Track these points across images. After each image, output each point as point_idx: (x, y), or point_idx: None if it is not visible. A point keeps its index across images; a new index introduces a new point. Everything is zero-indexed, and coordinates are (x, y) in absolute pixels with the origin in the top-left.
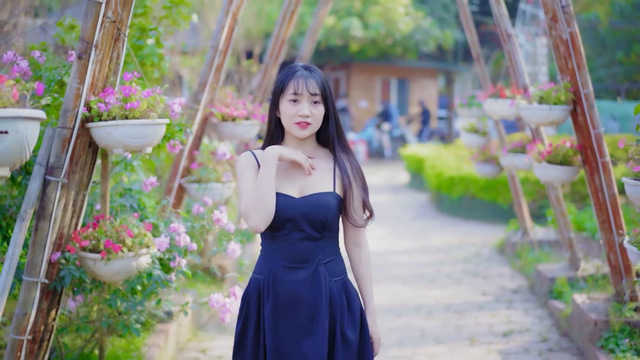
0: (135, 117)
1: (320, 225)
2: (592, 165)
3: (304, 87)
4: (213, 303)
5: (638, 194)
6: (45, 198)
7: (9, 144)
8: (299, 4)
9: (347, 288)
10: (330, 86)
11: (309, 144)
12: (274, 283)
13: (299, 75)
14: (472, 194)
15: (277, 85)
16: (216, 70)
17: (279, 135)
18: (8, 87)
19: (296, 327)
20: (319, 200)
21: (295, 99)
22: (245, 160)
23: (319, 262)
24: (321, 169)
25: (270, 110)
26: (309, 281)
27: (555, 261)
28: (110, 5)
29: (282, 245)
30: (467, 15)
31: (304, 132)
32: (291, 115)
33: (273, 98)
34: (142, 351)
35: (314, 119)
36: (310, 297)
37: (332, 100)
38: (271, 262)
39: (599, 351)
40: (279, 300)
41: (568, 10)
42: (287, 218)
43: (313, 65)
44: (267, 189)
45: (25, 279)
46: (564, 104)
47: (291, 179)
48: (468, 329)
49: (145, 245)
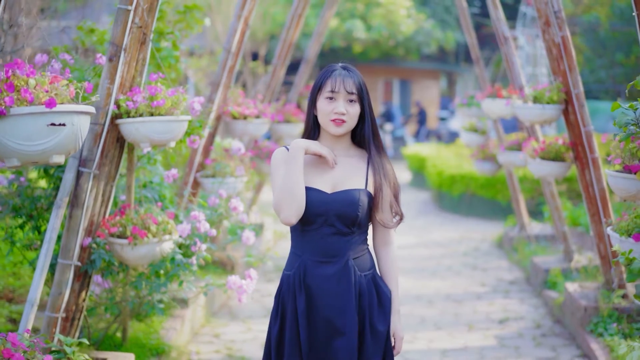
0: (160, 114)
1: (351, 221)
2: (583, 161)
3: (341, 86)
4: (230, 284)
5: (619, 184)
6: (79, 188)
7: (67, 135)
8: (306, 8)
9: (377, 282)
10: (367, 87)
11: (344, 143)
12: (305, 277)
13: (337, 74)
14: (472, 192)
15: (316, 83)
16: (229, 71)
17: (315, 133)
18: (63, 86)
19: (327, 322)
20: (350, 196)
21: (332, 96)
22: (279, 155)
23: (348, 257)
24: (354, 167)
25: (308, 107)
26: (339, 276)
27: (550, 254)
28: (138, 12)
29: (313, 239)
30: (467, 19)
31: (338, 129)
32: (327, 113)
33: (311, 95)
34: (160, 334)
35: (349, 117)
36: (339, 292)
37: (369, 100)
38: (301, 257)
39: (588, 335)
40: (310, 295)
41: (560, 15)
42: (319, 213)
43: (351, 66)
44: (295, 182)
45: (60, 262)
46: (556, 104)
47: (324, 174)
48: (466, 316)
49: (168, 232)
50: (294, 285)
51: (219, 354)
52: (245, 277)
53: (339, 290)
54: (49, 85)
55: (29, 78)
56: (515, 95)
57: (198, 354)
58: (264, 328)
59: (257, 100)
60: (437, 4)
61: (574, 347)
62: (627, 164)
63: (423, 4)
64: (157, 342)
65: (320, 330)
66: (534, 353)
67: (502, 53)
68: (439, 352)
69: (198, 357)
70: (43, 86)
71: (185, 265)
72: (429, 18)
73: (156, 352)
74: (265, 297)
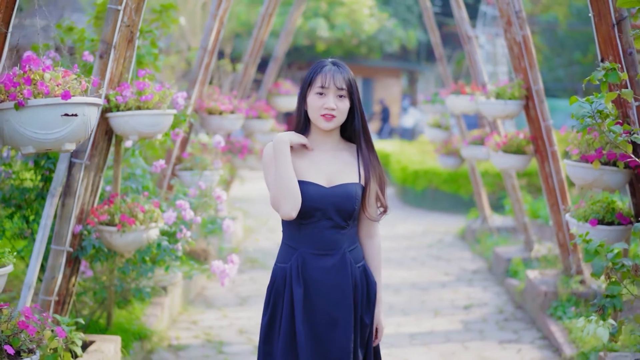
0: (148, 108)
1: (348, 215)
2: (543, 153)
3: (331, 81)
4: (214, 269)
5: (577, 173)
6: (71, 178)
7: (78, 125)
8: (276, 8)
9: (367, 274)
10: (356, 83)
11: (334, 137)
12: (303, 270)
13: (327, 70)
14: (436, 187)
15: (306, 78)
16: (205, 68)
17: (305, 128)
18: (73, 80)
19: (325, 313)
20: (348, 190)
21: (322, 92)
22: (270, 151)
23: (345, 249)
24: (346, 161)
25: (299, 102)
26: (337, 267)
27: (511, 244)
28: (126, 12)
29: (311, 233)
30: (431, 19)
31: (329, 124)
32: (317, 108)
33: (301, 91)
34: (142, 320)
35: (339, 112)
36: (338, 283)
37: (358, 96)
38: (297, 250)
39: (548, 318)
40: (309, 286)
41: (521, 15)
42: (317, 207)
43: (341, 62)
44: (288, 177)
45: (54, 248)
46: (517, 99)
47: (319, 168)
48: (432, 303)
49: (155, 219)
50: (291, 277)
51: (198, 339)
52: (228, 262)
53: (338, 281)
54: (61, 79)
55: (44, 72)
56: (478, 91)
57: (178, 339)
58: (240, 315)
59: (232, 97)
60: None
61: (534, 330)
62: (584, 154)
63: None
64: (139, 327)
65: (317, 321)
66: (497, 336)
67: (465, 52)
68: (407, 336)
69: (178, 342)
70: (57, 80)
71: (171, 251)
72: (391, 17)
73: (139, 336)
74: (238, 286)
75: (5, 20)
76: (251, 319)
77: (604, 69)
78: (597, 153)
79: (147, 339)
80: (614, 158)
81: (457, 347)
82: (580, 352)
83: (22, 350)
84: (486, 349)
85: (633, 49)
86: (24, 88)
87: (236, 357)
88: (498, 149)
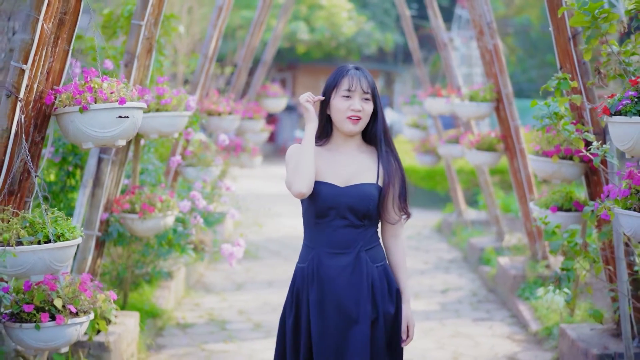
0: (167, 110)
1: (362, 214)
2: (512, 151)
3: (357, 84)
4: (224, 251)
5: (539, 167)
6: (100, 171)
7: (128, 125)
8: (266, 16)
9: (388, 273)
10: (377, 87)
11: (356, 140)
12: (318, 269)
13: (352, 74)
14: (413, 184)
15: (330, 82)
16: (205, 73)
17: (328, 132)
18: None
19: (340, 313)
20: (363, 190)
21: (348, 95)
22: (292, 151)
23: (360, 248)
24: (366, 163)
25: (322, 106)
26: (352, 267)
27: (485, 236)
28: (147, 26)
29: (326, 232)
30: (409, 25)
31: (354, 126)
32: (343, 110)
33: (325, 95)
34: (152, 301)
35: (364, 114)
36: (353, 282)
37: (380, 100)
38: (314, 249)
39: (517, 299)
40: (323, 286)
41: (492, 25)
42: (331, 206)
43: (363, 67)
44: (306, 156)
45: (85, 232)
46: (489, 102)
47: (337, 169)
48: (412, 288)
49: (171, 208)
50: (308, 276)
51: (202, 318)
52: (235, 245)
53: (352, 280)
54: (115, 88)
55: (102, 82)
56: (454, 94)
57: (184, 319)
58: (238, 298)
59: (230, 99)
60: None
61: (505, 310)
62: (545, 150)
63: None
64: (150, 307)
65: (333, 319)
66: (471, 315)
67: (441, 57)
68: None
69: (184, 321)
70: (112, 88)
71: (186, 235)
72: (369, 20)
73: (151, 315)
74: (232, 274)
75: (68, 40)
76: (249, 302)
77: (557, 78)
78: (556, 149)
79: (159, 317)
80: (570, 153)
81: (435, 324)
82: (545, 327)
83: (80, 311)
84: (461, 325)
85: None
86: (87, 95)
87: (238, 333)
88: (472, 146)
